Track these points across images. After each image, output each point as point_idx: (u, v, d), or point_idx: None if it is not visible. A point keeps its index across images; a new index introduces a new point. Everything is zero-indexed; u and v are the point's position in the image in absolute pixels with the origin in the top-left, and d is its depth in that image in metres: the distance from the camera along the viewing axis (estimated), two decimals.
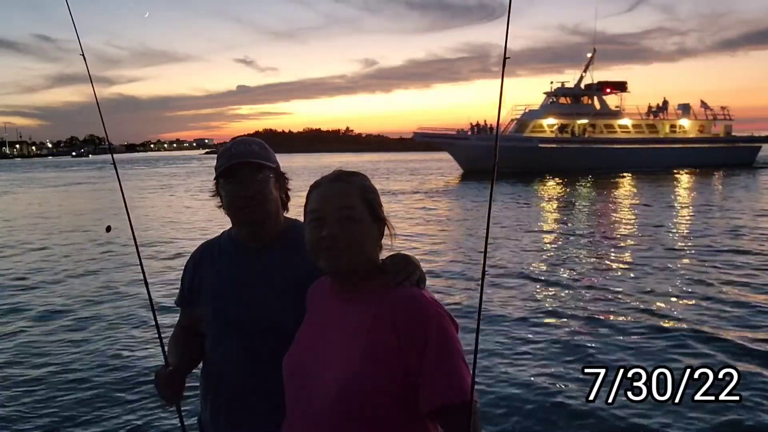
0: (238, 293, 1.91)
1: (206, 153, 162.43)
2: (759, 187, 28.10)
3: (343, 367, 1.44)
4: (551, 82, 43.79)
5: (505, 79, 1.58)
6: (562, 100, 42.42)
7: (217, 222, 18.17)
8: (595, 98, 42.73)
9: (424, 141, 46.28)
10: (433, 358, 1.39)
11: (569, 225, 17.17)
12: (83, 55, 2.17)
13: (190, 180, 44.09)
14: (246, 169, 1.87)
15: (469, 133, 42.16)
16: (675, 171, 38.11)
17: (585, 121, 41.39)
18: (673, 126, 43.63)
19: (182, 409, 2.01)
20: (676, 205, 21.44)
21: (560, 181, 33.01)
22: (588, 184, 30.65)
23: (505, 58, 1.59)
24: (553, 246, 13.50)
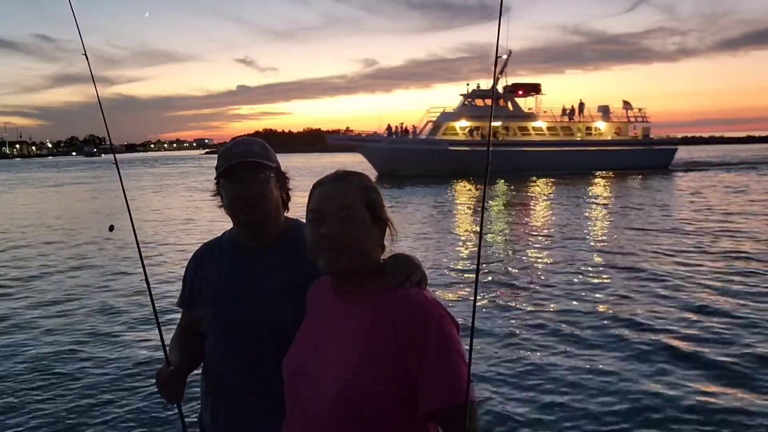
0: (238, 293, 1.91)
1: (206, 153, 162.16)
2: (673, 189, 27.86)
3: (343, 368, 1.44)
4: (467, 84, 43.68)
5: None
6: (478, 102, 41.41)
7: (193, 220, 18.49)
8: (509, 101, 42.10)
9: (337, 144, 45.62)
10: (433, 358, 1.39)
11: (465, 227, 17.17)
12: (86, 54, 2.16)
13: (181, 180, 43.81)
14: (246, 169, 1.86)
15: (386, 135, 41.66)
16: (592, 173, 37.66)
17: (499, 123, 40.83)
18: (588, 128, 43.28)
19: (183, 408, 2.01)
20: (586, 206, 21.57)
21: (469, 184, 32.20)
22: (498, 187, 29.77)
23: (496, 58, 1.59)
24: (466, 247, 13.57)
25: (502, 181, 32.06)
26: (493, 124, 40.37)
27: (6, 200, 31.45)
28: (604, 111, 43.92)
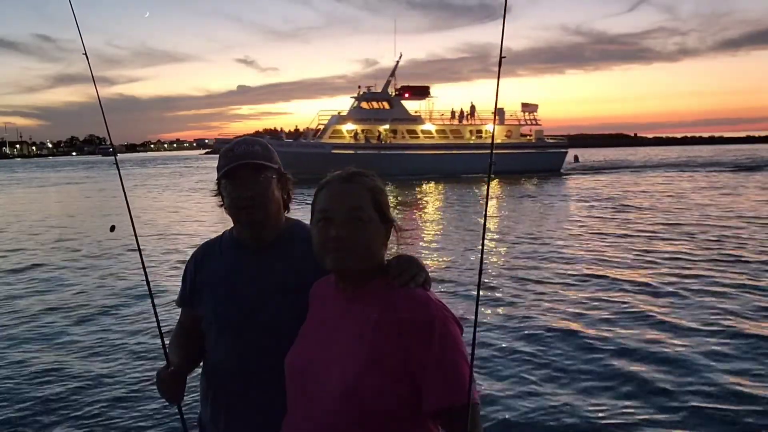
0: (238, 293, 1.91)
1: (205, 153, 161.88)
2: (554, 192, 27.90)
3: (347, 366, 1.44)
4: (359, 87, 42.81)
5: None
6: (365, 105, 41.18)
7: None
8: (399, 103, 41.74)
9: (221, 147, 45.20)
10: (436, 359, 1.40)
11: None
12: (86, 54, 2.16)
13: (169, 180, 44.00)
14: (248, 170, 1.87)
15: (275, 138, 41.28)
16: (483, 176, 36.75)
17: (386, 126, 40.61)
18: (479, 131, 42.81)
19: (183, 408, 2.01)
20: (469, 208, 21.61)
21: None
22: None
23: (501, 58, 1.59)
24: None
25: (392, 185, 30.99)
26: (382, 127, 40.32)
27: (7, 200, 31.46)
28: (500, 114, 42.81)
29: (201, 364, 2.05)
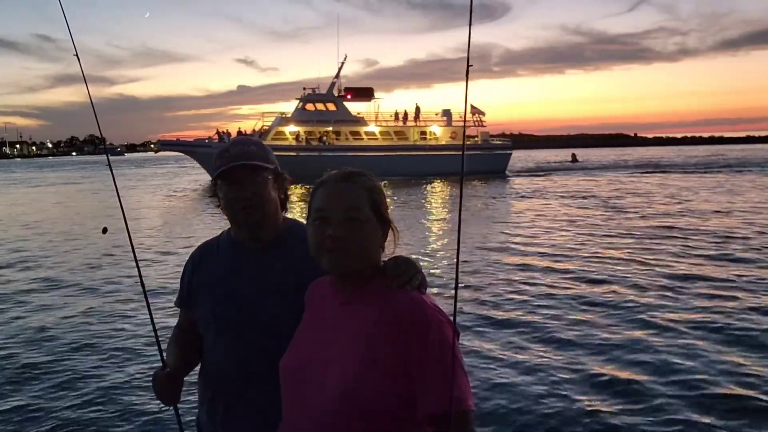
0: (235, 294, 1.91)
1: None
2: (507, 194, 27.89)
3: (344, 368, 1.44)
4: (304, 89, 42.60)
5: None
6: (309, 107, 40.94)
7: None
8: (342, 105, 41.48)
9: (166, 149, 44.45)
10: (432, 364, 1.39)
11: None
12: (77, 55, 2.17)
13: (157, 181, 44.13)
14: (243, 170, 1.86)
15: (217, 140, 41.17)
16: (428, 178, 36.93)
17: (330, 128, 40.39)
18: (423, 133, 42.68)
19: (181, 410, 2.00)
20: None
21: (298, 188, 31.44)
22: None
23: (468, 66, 1.54)
24: None
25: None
26: (325, 129, 39.99)
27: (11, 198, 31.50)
28: (448, 115, 43.27)
29: (198, 365, 2.04)
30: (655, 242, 13.21)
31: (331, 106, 41.26)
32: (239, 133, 41.80)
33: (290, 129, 40.57)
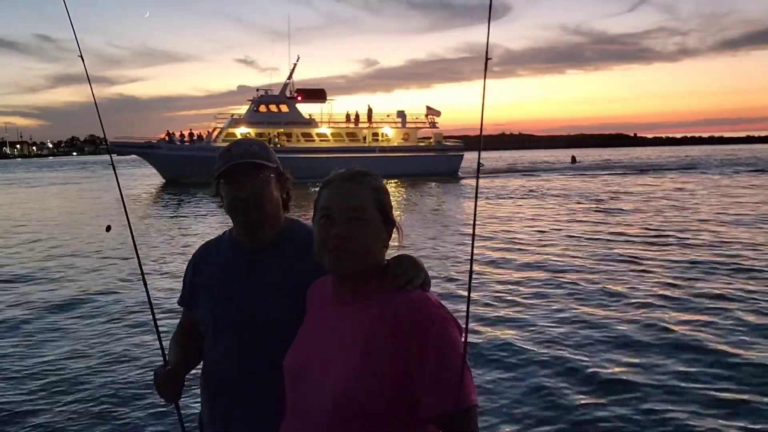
0: (237, 293, 1.91)
1: None
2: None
3: (344, 368, 1.44)
4: (257, 90, 42.35)
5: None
6: (263, 108, 40.81)
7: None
8: (294, 106, 41.40)
9: (119, 151, 43.04)
10: (434, 362, 1.38)
11: None
12: (81, 56, 2.16)
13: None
14: (245, 170, 1.86)
15: (167, 141, 41.04)
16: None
17: (281, 129, 40.12)
18: (375, 134, 42.62)
19: (182, 408, 2.01)
20: None
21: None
22: None
23: (486, 60, 1.56)
24: None
25: None
26: (276, 130, 39.69)
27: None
28: (403, 117, 43.14)
29: (200, 363, 2.04)
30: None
31: (284, 108, 40.99)
32: (191, 134, 41.49)
33: (241, 131, 40.02)
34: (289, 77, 42.25)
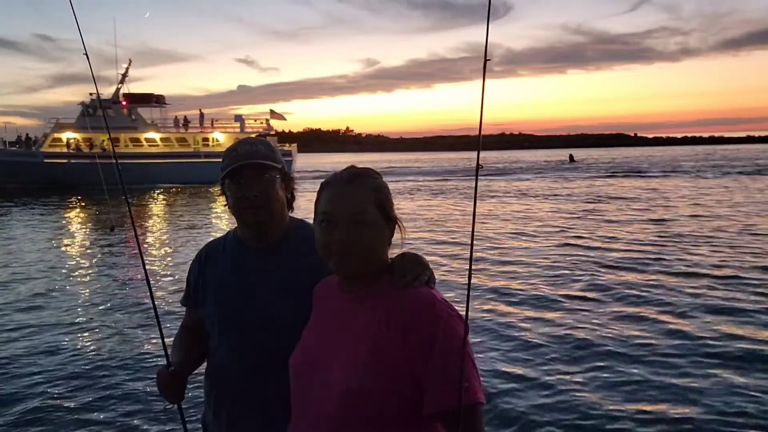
0: (241, 293, 1.91)
1: None
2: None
3: (350, 368, 1.44)
4: (90, 94, 39.73)
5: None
6: (91, 112, 38.78)
7: None
8: (120, 111, 40.26)
9: None
10: (441, 359, 1.38)
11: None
12: (86, 54, 2.17)
13: None
14: (251, 169, 1.86)
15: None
16: (211, 185, 35.11)
17: (106, 136, 38.08)
18: (206, 139, 41.89)
19: (185, 408, 2.02)
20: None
21: (73, 198, 29.27)
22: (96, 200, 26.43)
23: (485, 60, 1.56)
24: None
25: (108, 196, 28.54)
26: (103, 135, 37.84)
27: None
28: (241, 121, 42.78)
29: (204, 364, 2.04)
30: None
31: (111, 113, 39.91)
32: (18, 138, 40.36)
33: (68, 135, 39.18)
34: (121, 81, 41.32)
